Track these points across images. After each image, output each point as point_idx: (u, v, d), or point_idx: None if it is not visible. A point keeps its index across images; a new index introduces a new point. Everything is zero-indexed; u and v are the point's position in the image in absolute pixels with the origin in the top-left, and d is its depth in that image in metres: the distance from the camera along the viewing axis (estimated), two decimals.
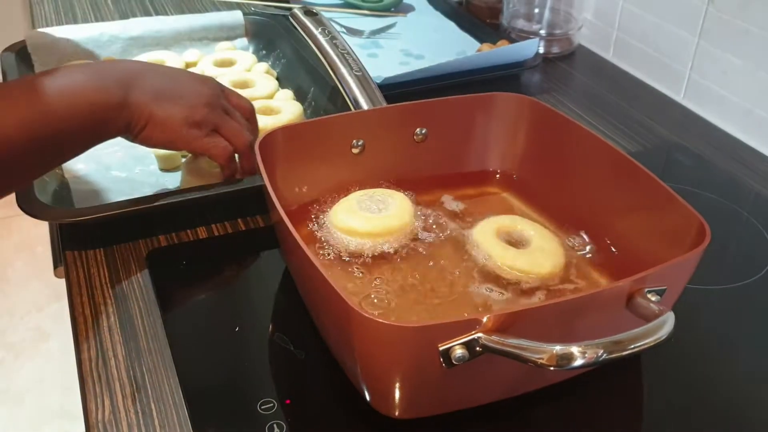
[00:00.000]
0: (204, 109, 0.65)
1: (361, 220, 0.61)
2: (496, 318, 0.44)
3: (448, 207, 0.68)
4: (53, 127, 0.58)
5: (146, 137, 0.64)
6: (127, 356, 0.56)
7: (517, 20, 1.10)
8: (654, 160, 0.85)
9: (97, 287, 0.62)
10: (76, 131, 0.60)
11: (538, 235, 0.63)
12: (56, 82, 0.60)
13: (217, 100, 0.67)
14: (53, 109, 0.58)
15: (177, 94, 0.64)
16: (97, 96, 0.60)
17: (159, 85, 0.64)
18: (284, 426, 0.50)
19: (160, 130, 0.63)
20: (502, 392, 0.51)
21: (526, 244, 0.62)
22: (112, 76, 0.62)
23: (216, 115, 0.66)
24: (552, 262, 0.60)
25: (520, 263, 0.60)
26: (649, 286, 0.48)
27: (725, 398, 0.55)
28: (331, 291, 0.45)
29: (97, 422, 0.51)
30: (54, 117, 0.58)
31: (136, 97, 0.62)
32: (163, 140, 0.65)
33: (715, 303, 0.64)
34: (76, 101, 0.59)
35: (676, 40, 0.95)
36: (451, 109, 0.69)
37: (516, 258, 0.60)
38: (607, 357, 0.42)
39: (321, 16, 0.80)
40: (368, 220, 0.61)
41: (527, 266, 0.60)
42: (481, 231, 0.63)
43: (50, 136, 0.58)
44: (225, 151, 0.66)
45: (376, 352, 0.46)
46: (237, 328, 0.58)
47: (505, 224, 0.64)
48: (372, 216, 0.62)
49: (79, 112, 0.59)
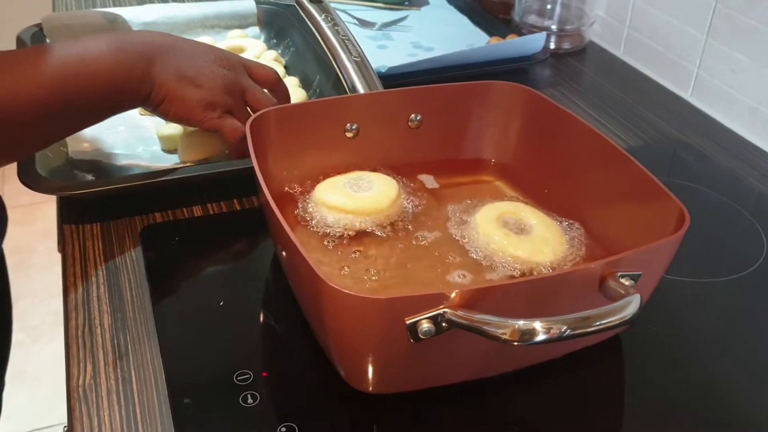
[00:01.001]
0: (221, 93, 0.67)
1: (342, 197, 0.62)
2: (463, 293, 0.44)
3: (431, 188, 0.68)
4: (75, 91, 0.60)
5: (163, 111, 0.66)
6: (113, 325, 0.57)
7: (529, 16, 1.10)
8: (657, 155, 0.85)
9: (90, 260, 0.64)
10: (97, 97, 0.62)
11: (540, 223, 0.62)
12: (80, 47, 0.62)
13: (236, 84, 0.68)
14: (75, 72, 0.60)
15: (197, 75, 0.66)
16: (119, 66, 0.62)
17: (181, 63, 0.66)
18: (258, 396, 0.51)
19: (176, 106, 0.65)
20: (475, 371, 0.52)
21: (528, 231, 0.62)
22: (136, 48, 0.64)
23: (232, 98, 0.68)
24: (553, 249, 0.60)
25: (522, 251, 0.59)
26: (623, 270, 0.48)
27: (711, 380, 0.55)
28: (303, 262, 0.46)
29: (77, 386, 0.52)
30: (76, 81, 0.60)
31: (158, 72, 0.64)
32: (178, 116, 0.67)
33: (702, 294, 0.63)
34: (98, 68, 0.61)
35: (685, 38, 0.94)
36: (446, 97, 0.69)
37: (517, 245, 0.60)
38: (571, 333, 0.42)
39: (326, 3, 0.81)
40: (348, 196, 0.62)
41: (528, 254, 0.59)
42: (483, 216, 0.63)
43: (72, 99, 0.60)
44: (236, 132, 0.68)
45: (345, 325, 0.46)
46: (222, 302, 0.59)
47: (507, 210, 0.64)
48: (353, 194, 0.63)
49: (101, 80, 0.61)
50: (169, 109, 0.66)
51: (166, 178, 0.67)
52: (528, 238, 0.61)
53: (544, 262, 0.59)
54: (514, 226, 0.62)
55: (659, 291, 0.53)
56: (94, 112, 0.64)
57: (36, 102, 0.57)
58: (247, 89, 0.70)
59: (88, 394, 0.52)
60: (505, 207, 0.64)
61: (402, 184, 0.67)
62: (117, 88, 0.62)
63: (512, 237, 0.61)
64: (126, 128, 0.81)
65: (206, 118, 0.67)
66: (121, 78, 0.62)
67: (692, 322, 0.61)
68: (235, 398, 0.50)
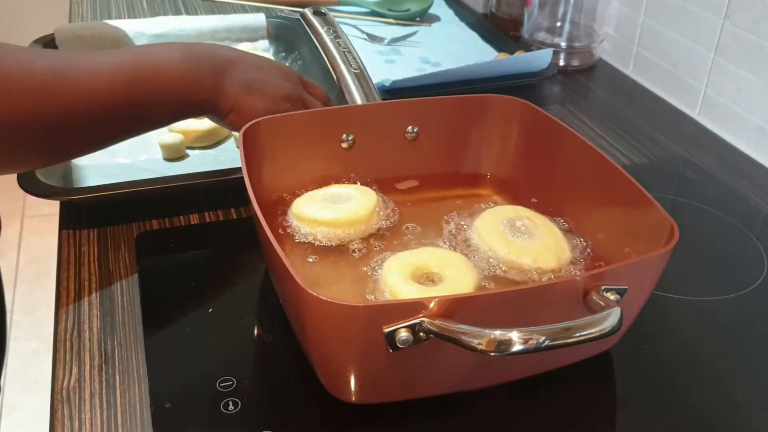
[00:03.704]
0: (284, 103, 0.69)
1: (315, 209, 0.62)
2: (441, 302, 0.44)
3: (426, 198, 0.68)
4: (147, 96, 0.61)
5: (231, 121, 0.67)
6: (101, 329, 0.57)
7: (539, 33, 1.10)
8: (663, 174, 0.84)
9: (84, 264, 0.64)
10: (165, 103, 0.63)
11: (543, 228, 0.61)
12: (152, 54, 0.63)
13: (297, 93, 0.70)
14: (148, 78, 0.61)
15: (262, 86, 0.68)
16: (189, 75, 0.63)
17: (247, 75, 0.67)
18: (239, 403, 0.50)
19: (243, 117, 0.66)
20: (459, 383, 0.51)
21: (530, 237, 0.61)
22: (206, 60, 0.65)
23: (294, 107, 0.69)
24: (557, 255, 0.59)
25: (525, 257, 0.58)
26: (608, 284, 0.47)
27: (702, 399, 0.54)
28: (285, 270, 0.46)
29: (61, 389, 0.52)
30: (149, 86, 0.61)
31: (227, 85, 0.66)
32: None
33: (698, 313, 0.62)
34: (168, 76, 0.62)
35: (693, 56, 0.93)
36: (444, 109, 0.69)
37: (521, 252, 0.59)
38: (550, 344, 0.42)
39: (330, 16, 0.81)
40: (322, 209, 0.62)
41: (531, 260, 0.58)
42: (484, 222, 0.62)
43: (140, 101, 0.61)
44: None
45: (324, 333, 0.46)
46: (210, 309, 0.59)
47: (508, 216, 0.63)
48: (329, 206, 0.63)
49: (170, 86, 0.62)
50: (237, 120, 0.67)
51: (162, 185, 0.68)
52: (532, 244, 0.60)
53: (548, 268, 0.58)
54: (515, 231, 0.61)
55: (655, 309, 0.52)
56: (162, 117, 0.65)
57: (110, 102, 0.58)
58: (306, 101, 0.71)
59: (71, 396, 0.52)
60: (506, 212, 0.64)
61: (395, 195, 0.67)
62: (186, 96, 0.64)
63: (515, 243, 0.60)
64: None
65: None
66: (191, 87, 0.64)
67: (687, 340, 0.60)
68: (216, 404, 0.50)
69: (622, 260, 0.55)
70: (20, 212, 2.29)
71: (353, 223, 0.61)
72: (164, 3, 1.23)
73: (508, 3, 1.17)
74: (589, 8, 1.07)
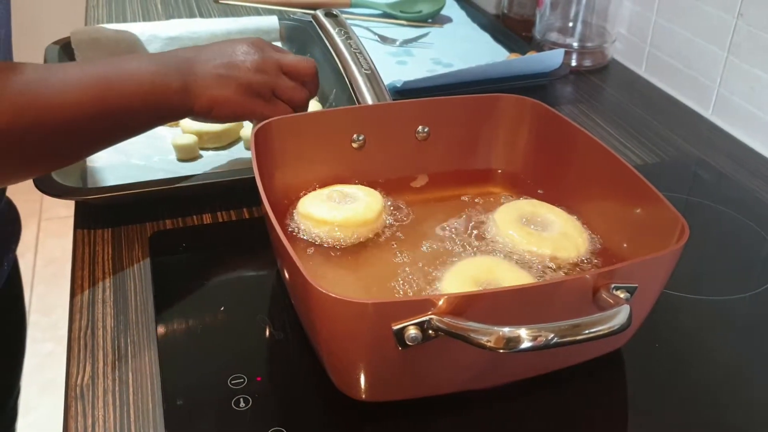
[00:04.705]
0: (258, 76, 0.67)
1: (320, 209, 0.62)
2: (450, 300, 0.44)
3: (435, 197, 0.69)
4: (120, 102, 0.61)
5: (216, 116, 0.67)
6: (115, 327, 0.58)
7: (551, 33, 1.10)
8: (677, 174, 0.84)
9: (99, 263, 0.65)
10: (140, 109, 0.63)
11: (561, 220, 0.62)
12: (123, 63, 0.64)
13: (268, 62, 0.68)
14: (119, 84, 0.62)
15: (228, 69, 0.67)
16: (158, 79, 0.64)
17: (214, 67, 0.67)
18: (250, 400, 0.51)
19: (225, 108, 0.66)
20: (468, 381, 0.51)
21: (548, 229, 0.62)
22: (172, 63, 0.65)
23: (270, 77, 0.68)
24: (576, 246, 0.60)
25: (544, 248, 0.59)
26: (618, 282, 0.47)
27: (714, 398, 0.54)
28: (295, 268, 0.46)
29: (75, 385, 0.53)
30: (120, 91, 0.61)
31: (196, 84, 0.65)
32: (231, 115, 0.68)
33: (713, 312, 0.62)
34: (140, 81, 0.63)
35: (706, 55, 0.93)
36: (454, 109, 0.69)
37: (540, 243, 0.60)
38: (558, 341, 0.42)
39: (341, 18, 0.82)
40: (330, 209, 0.62)
41: (551, 251, 0.59)
42: (502, 214, 0.63)
43: (116, 109, 0.61)
44: (286, 112, 0.69)
45: (333, 329, 0.46)
46: (222, 307, 0.60)
47: (527, 209, 0.64)
48: (334, 205, 0.63)
49: (143, 92, 0.63)
50: (221, 113, 0.67)
51: (175, 186, 0.68)
52: (551, 235, 0.61)
53: (569, 258, 0.59)
54: (534, 223, 0.63)
55: (667, 308, 0.52)
56: (138, 125, 0.65)
57: (82, 113, 0.59)
58: (281, 62, 0.69)
59: (85, 393, 0.52)
60: (524, 205, 0.65)
61: (405, 194, 0.67)
62: (158, 102, 0.64)
63: (534, 234, 0.61)
64: (143, 137, 0.82)
65: (254, 105, 0.67)
66: (161, 93, 0.64)
67: (700, 339, 0.60)
68: (227, 401, 0.51)
69: (630, 258, 0.55)
70: (37, 215, 2.31)
71: (361, 225, 0.62)
72: (178, 6, 1.24)
73: (519, 4, 1.17)
74: (601, 8, 1.07)
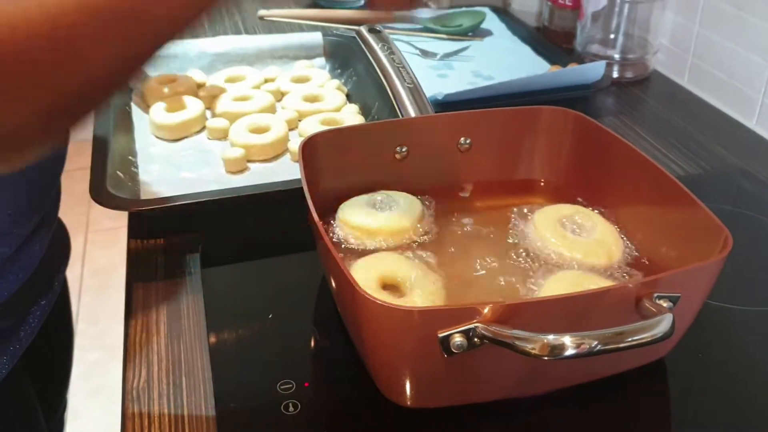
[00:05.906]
0: None
1: (360, 216, 0.64)
2: (495, 308, 0.45)
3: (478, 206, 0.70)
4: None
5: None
6: (169, 334, 0.60)
7: (592, 45, 1.10)
8: (720, 185, 0.84)
9: (152, 273, 0.67)
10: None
11: (598, 226, 0.64)
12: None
13: None
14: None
15: None
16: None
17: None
18: (299, 405, 0.52)
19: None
20: (512, 388, 0.52)
21: (585, 233, 0.63)
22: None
23: None
24: (609, 253, 0.61)
25: (575, 252, 0.61)
26: (660, 291, 0.48)
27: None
28: (342, 275, 0.47)
29: (132, 389, 0.55)
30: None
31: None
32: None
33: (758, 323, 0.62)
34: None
35: (750, 66, 0.93)
36: (496, 121, 0.70)
37: (572, 247, 0.61)
38: (602, 348, 0.43)
39: (384, 33, 0.84)
40: (368, 215, 0.64)
41: (582, 256, 0.61)
42: (542, 215, 0.65)
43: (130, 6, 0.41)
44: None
45: (379, 336, 0.48)
46: (270, 315, 0.61)
47: (567, 213, 0.65)
48: (372, 212, 0.65)
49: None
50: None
51: (225, 197, 0.71)
52: (585, 240, 0.62)
53: (599, 264, 0.60)
54: (572, 227, 0.64)
55: (712, 318, 0.52)
56: (165, 18, 0.42)
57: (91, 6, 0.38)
58: None
59: (140, 396, 0.55)
60: (564, 209, 0.66)
61: (447, 202, 0.69)
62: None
63: (567, 237, 0.62)
64: (194, 152, 0.85)
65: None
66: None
67: (745, 350, 0.60)
68: (277, 406, 0.52)
69: (673, 267, 0.55)
70: (84, 227, 2.37)
71: (395, 233, 0.63)
72: (224, 24, 1.27)
73: (560, 16, 1.18)
74: (643, 20, 1.07)
